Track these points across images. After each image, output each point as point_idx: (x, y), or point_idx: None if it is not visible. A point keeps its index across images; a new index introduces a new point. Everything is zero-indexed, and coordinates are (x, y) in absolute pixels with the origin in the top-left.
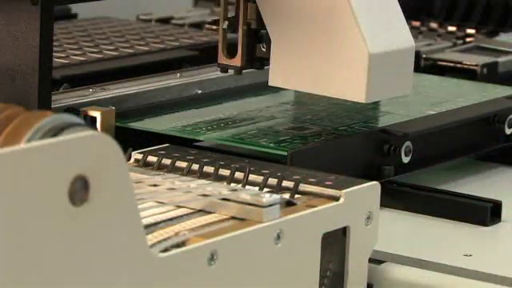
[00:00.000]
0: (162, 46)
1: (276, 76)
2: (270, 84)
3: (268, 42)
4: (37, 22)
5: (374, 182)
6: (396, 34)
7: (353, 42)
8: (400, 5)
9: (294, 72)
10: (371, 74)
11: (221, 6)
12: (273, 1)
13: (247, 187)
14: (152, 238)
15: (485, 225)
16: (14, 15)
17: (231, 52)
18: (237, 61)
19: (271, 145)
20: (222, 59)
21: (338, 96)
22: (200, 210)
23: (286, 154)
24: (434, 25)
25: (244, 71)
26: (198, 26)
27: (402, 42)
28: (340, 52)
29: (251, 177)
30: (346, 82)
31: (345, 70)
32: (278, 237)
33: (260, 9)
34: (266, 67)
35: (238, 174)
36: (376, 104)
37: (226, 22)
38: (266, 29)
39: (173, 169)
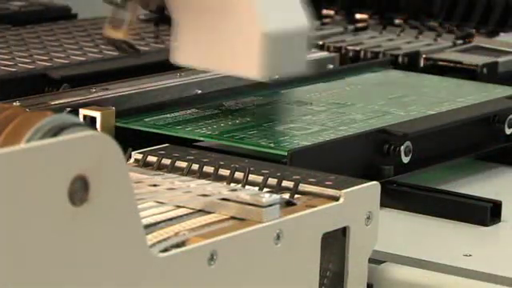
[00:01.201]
0: (161, 46)
1: (178, 54)
2: (172, 62)
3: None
4: None
5: (374, 182)
6: (291, 14)
7: (247, 21)
8: (400, 5)
9: (195, 51)
10: (266, 53)
11: None
12: None
13: (247, 187)
14: (152, 238)
15: (485, 225)
16: None
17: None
18: (120, 34)
19: (271, 145)
20: (107, 31)
21: (235, 74)
22: (200, 210)
23: (285, 154)
24: (434, 25)
25: None
26: None
27: (296, 21)
28: (236, 31)
29: (251, 177)
30: (243, 61)
31: (241, 49)
32: (278, 237)
33: None
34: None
35: (238, 174)
36: (376, 104)
37: None
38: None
39: (173, 169)
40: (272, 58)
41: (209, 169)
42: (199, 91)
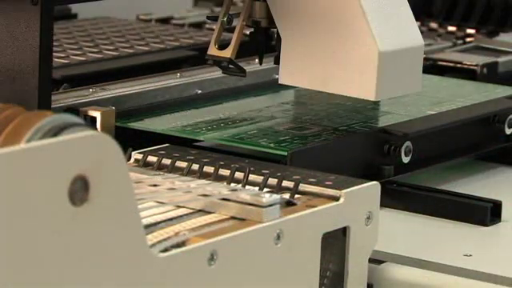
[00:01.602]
0: (161, 46)
1: (286, 74)
2: (280, 82)
3: (278, 40)
4: (37, 22)
5: (374, 182)
6: (405, 33)
7: (363, 39)
8: None
9: (304, 70)
10: (381, 72)
11: (224, 2)
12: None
13: (247, 187)
14: (152, 238)
15: (485, 225)
16: (13, 15)
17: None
18: (226, 53)
19: (271, 145)
20: (212, 50)
21: (347, 94)
22: (200, 210)
23: (285, 154)
24: (434, 25)
25: (248, 70)
26: (198, 25)
27: (411, 40)
28: (350, 50)
29: (251, 177)
30: (356, 80)
31: (355, 68)
32: (278, 237)
33: (270, 7)
34: (265, 65)
35: (238, 174)
36: (376, 104)
37: (226, 17)
38: (276, 27)
39: (173, 169)
40: (387, 77)
41: (209, 169)
42: (199, 91)
